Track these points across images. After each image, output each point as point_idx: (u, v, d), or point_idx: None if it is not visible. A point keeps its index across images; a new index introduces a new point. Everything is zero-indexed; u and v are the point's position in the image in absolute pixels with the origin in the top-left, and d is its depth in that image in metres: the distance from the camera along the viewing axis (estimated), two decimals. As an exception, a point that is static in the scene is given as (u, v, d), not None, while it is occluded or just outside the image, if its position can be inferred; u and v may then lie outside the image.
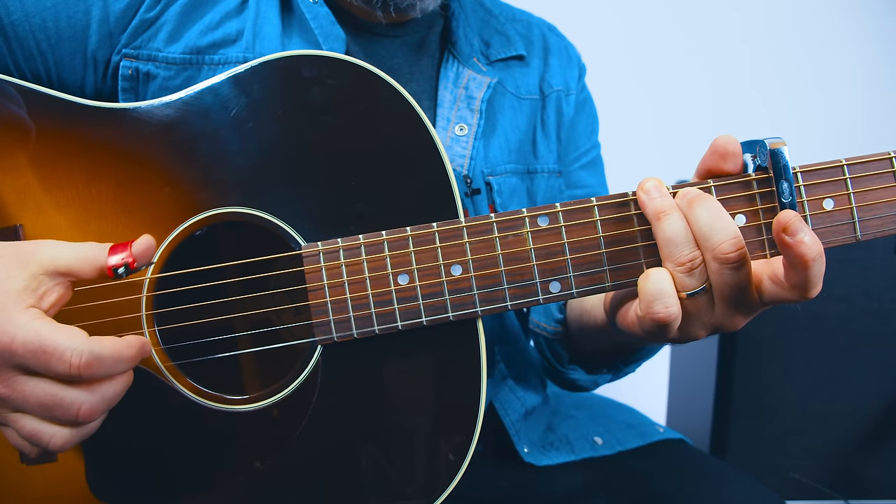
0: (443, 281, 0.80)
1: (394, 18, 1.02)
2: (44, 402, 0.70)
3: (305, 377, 0.82)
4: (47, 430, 0.71)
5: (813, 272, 0.70)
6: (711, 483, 1.01)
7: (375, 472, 0.82)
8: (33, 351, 0.68)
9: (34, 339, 0.68)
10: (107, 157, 0.83)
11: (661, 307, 0.73)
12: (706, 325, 0.78)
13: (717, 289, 0.74)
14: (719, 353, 1.73)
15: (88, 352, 0.69)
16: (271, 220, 0.82)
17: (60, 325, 0.70)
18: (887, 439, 1.72)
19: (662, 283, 0.74)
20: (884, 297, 1.69)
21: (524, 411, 1.11)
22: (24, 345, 0.68)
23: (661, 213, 0.75)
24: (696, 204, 0.74)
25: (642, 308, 0.75)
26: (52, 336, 0.68)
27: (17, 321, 0.69)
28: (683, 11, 2.19)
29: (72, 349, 0.68)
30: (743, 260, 0.72)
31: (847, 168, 0.77)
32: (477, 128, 1.05)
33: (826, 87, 2.24)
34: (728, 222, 0.73)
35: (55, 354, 0.68)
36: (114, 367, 0.72)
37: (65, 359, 0.68)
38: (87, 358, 0.69)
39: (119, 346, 0.72)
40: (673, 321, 0.74)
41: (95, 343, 0.70)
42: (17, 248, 0.73)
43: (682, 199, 0.75)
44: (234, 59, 0.95)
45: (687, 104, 2.19)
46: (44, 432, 0.71)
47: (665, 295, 0.73)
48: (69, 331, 0.70)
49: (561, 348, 1.09)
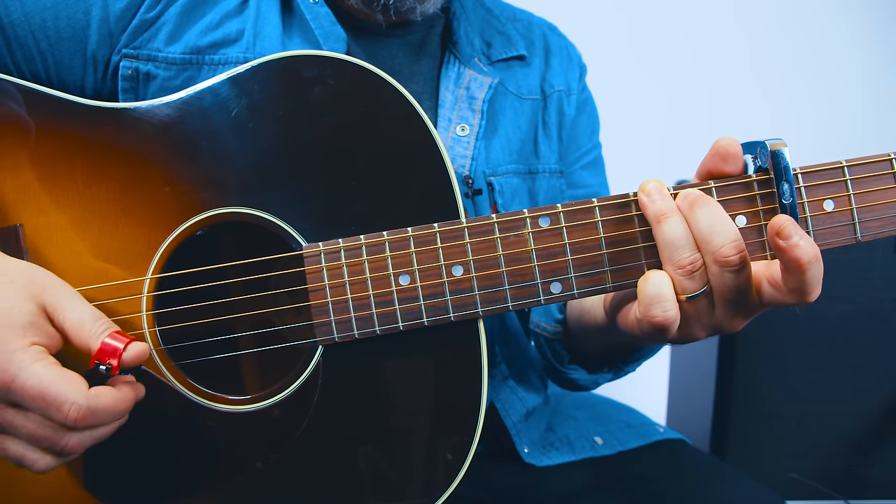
0: (444, 281, 0.80)
1: (394, 21, 1.02)
2: (33, 434, 0.71)
3: (306, 377, 0.82)
4: (31, 455, 0.72)
5: (809, 276, 0.70)
6: (711, 483, 1.01)
7: (376, 472, 0.82)
8: (32, 396, 0.69)
9: (35, 384, 0.68)
10: (107, 157, 0.83)
11: (659, 311, 0.74)
12: (706, 327, 0.78)
13: (717, 291, 0.74)
14: (719, 353, 1.73)
15: (86, 407, 0.69)
16: (272, 220, 0.82)
17: (62, 372, 0.70)
18: (887, 439, 1.71)
19: (661, 286, 0.74)
20: (884, 297, 1.69)
21: (525, 412, 1.11)
22: (23, 388, 0.68)
23: (661, 216, 0.75)
24: (697, 206, 0.74)
25: (640, 311, 0.75)
26: (52, 385, 0.69)
27: (19, 360, 0.69)
28: (684, 11, 2.18)
29: (70, 402, 0.69)
30: (743, 263, 0.72)
31: (847, 169, 0.77)
32: (478, 128, 1.05)
33: (827, 87, 2.24)
34: (729, 225, 0.73)
35: (54, 405, 0.69)
36: (107, 418, 0.72)
37: (63, 410, 0.69)
38: (83, 412, 0.69)
39: (115, 400, 0.72)
40: (671, 325, 0.74)
41: (93, 397, 0.70)
42: (31, 276, 0.73)
43: (683, 201, 0.75)
44: (234, 59, 0.95)
45: (688, 104, 2.19)
46: (27, 457, 0.72)
47: (663, 299, 0.74)
48: (70, 380, 0.70)
49: (561, 348, 1.08)
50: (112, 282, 0.82)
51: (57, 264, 0.81)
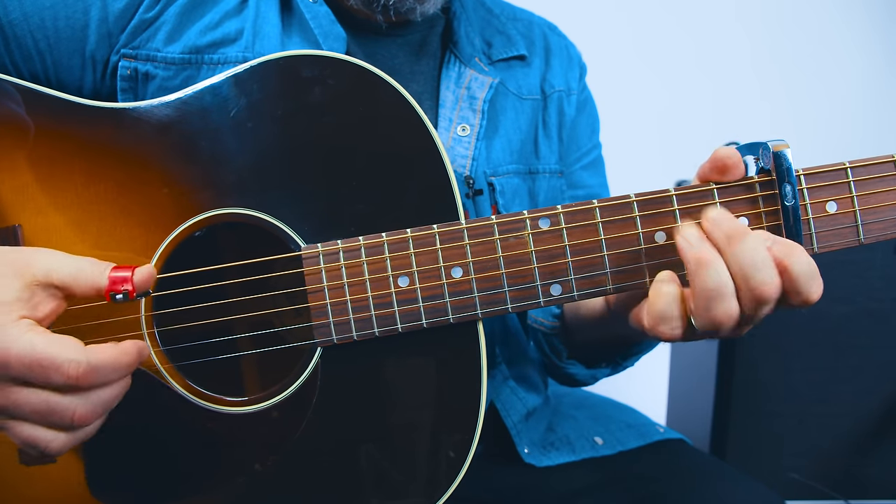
0: (443, 283, 0.79)
1: (394, 21, 1.02)
2: (38, 410, 0.70)
3: (305, 379, 0.82)
4: (44, 436, 0.71)
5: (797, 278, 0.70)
6: (711, 483, 1.01)
7: (376, 473, 0.82)
8: (28, 364, 0.68)
9: (29, 351, 0.68)
10: (106, 158, 0.83)
11: (667, 329, 0.74)
12: (710, 336, 0.78)
13: (748, 318, 0.73)
14: (719, 353, 1.73)
15: (86, 362, 0.69)
16: (271, 221, 0.81)
17: (54, 336, 0.69)
18: (887, 439, 1.72)
19: (671, 306, 0.73)
20: (884, 297, 1.69)
21: (526, 412, 1.11)
22: (19, 357, 0.68)
23: (703, 261, 0.71)
24: (738, 241, 0.71)
25: (648, 322, 0.75)
26: (46, 348, 0.68)
27: (10, 333, 0.68)
28: (685, 11, 2.18)
29: (69, 360, 0.68)
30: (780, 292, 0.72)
31: (850, 171, 0.77)
32: (479, 128, 1.04)
33: (827, 87, 2.24)
34: (768, 258, 0.71)
35: (52, 367, 0.68)
36: (111, 374, 0.71)
37: (62, 370, 0.68)
38: (84, 368, 0.68)
39: (116, 354, 0.71)
40: (677, 339, 0.75)
41: (92, 352, 0.70)
42: (16, 255, 0.73)
43: (720, 233, 0.72)
44: (233, 58, 0.95)
45: (688, 104, 2.19)
46: (40, 438, 0.71)
47: (672, 318, 0.73)
48: (64, 341, 0.69)
49: (559, 343, 1.09)
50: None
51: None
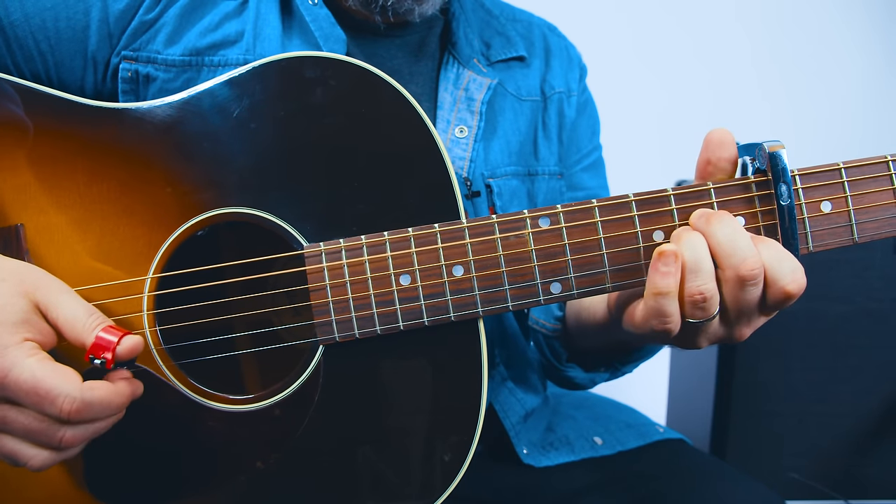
0: (444, 281, 0.80)
1: (392, 22, 1.02)
2: (29, 429, 0.71)
3: (307, 377, 0.82)
4: (27, 452, 0.72)
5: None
6: (711, 483, 1.01)
7: (376, 472, 0.83)
8: (26, 391, 0.69)
9: (28, 378, 0.68)
10: (108, 157, 0.83)
11: (658, 322, 0.75)
12: (710, 339, 0.79)
13: (732, 305, 0.74)
14: (719, 353, 1.74)
15: (80, 399, 0.69)
16: (273, 220, 0.82)
17: (55, 366, 0.70)
18: (887, 439, 1.72)
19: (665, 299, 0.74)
20: (883, 297, 1.69)
21: (524, 413, 1.11)
22: (17, 382, 0.68)
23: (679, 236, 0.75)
24: (716, 220, 0.74)
25: (641, 315, 0.76)
26: (46, 379, 0.69)
27: (12, 356, 0.69)
28: (685, 12, 2.19)
29: (64, 395, 0.69)
30: (764, 275, 0.73)
31: (845, 171, 0.77)
32: (477, 130, 1.05)
33: (827, 88, 2.24)
34: (748, 238, 0.73)
35: (48, 398, 0.68)
36: (102, 412, 0.72)
37: (56, 403, 0.69)
38: (77, 405, 0.69)
39: (110, 394, 0.72)
40: (671, 333, 0.75)
41: (87, 390, 0.70)
42: (24, 274, 0.73)
43: (699, 219, 0.75)
44: (233, 60, 0.95)
45: (688, 105, 2.19)
46: (22, 453, 0.72)
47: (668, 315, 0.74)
48: (63, 374, 0.70)
49: (559, 346, 1.09)
50: (113, 281, 0.82)
51: (58, 264, 0.82)
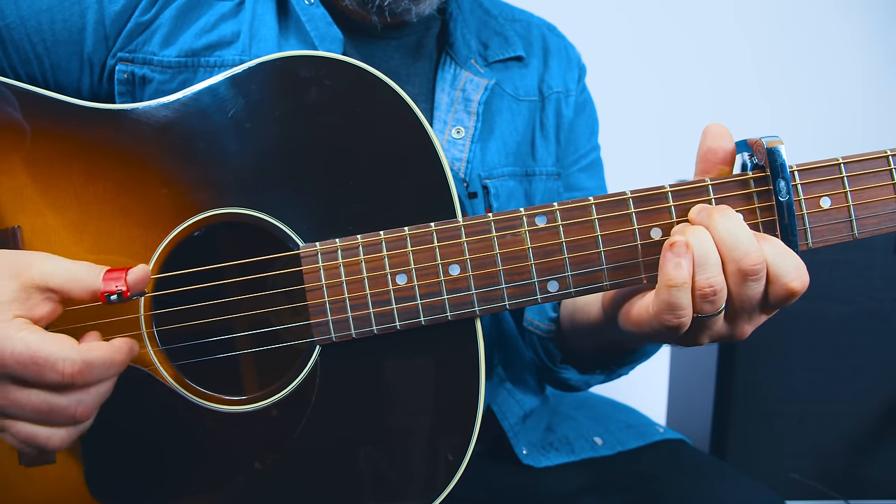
0: (441, 281, 0.80)
1: (389, 22, 1.02)
2: (39, 409, 0.70)
3: (304, 377, 0.82)
4: (43, 433, 0.72)
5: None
6: (711, 483, 1.01)
7: (374, 472, 0.83)
8: (24, 362, 0.68)
9: (24, 349, 0.68)
10: (104, 159, 0.83)
11: (672, 317, 0.74)
12: (713, 336, 0.78)
13: (737, 300, 0.74)
14: (719, 353, 1.74)
15: (80, 360, 0.69)
16: (269, 220, 0.82)
17: (49, 334, 0.70)
18: (887, 439, 1.71)
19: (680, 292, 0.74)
20: (883, 297, 1.69)
21: (523, 414, 1.11)
22: (13, 355, 0.68)
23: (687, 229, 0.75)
24: (717, 213, 0.74)
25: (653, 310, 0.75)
26: (41, 346, 0.68)
27: (5, 332, 0.68)
28: (684, 11, 2.19)
29: (63, 358, 0.68)
30: (766, 270, 0.73)
31: (844, 166, 0.77)
32: (474, 130, 1.04)
33: (827, 87, 2.24)
34: (749, 232, 0.73)
35: (46, 365, 0.68)
36: (105, 372, 0.72)
37: (57, 368, 0.68)
38: (79, 366, 0.69)
39: (109, 352, 0.72)
40: (684, 327, 0.75)
41: (86, 350, 0.70)
42: (14, 257, 0.73)
43: (700, 214, 0.75)
44: (230, 61, 0.95)
45: (688, 104, 2.19)
46: (40, 434, 0.71)
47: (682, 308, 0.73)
48: (58, 339, 0.70)
49: (554, 347, 1.08)
50: None
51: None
